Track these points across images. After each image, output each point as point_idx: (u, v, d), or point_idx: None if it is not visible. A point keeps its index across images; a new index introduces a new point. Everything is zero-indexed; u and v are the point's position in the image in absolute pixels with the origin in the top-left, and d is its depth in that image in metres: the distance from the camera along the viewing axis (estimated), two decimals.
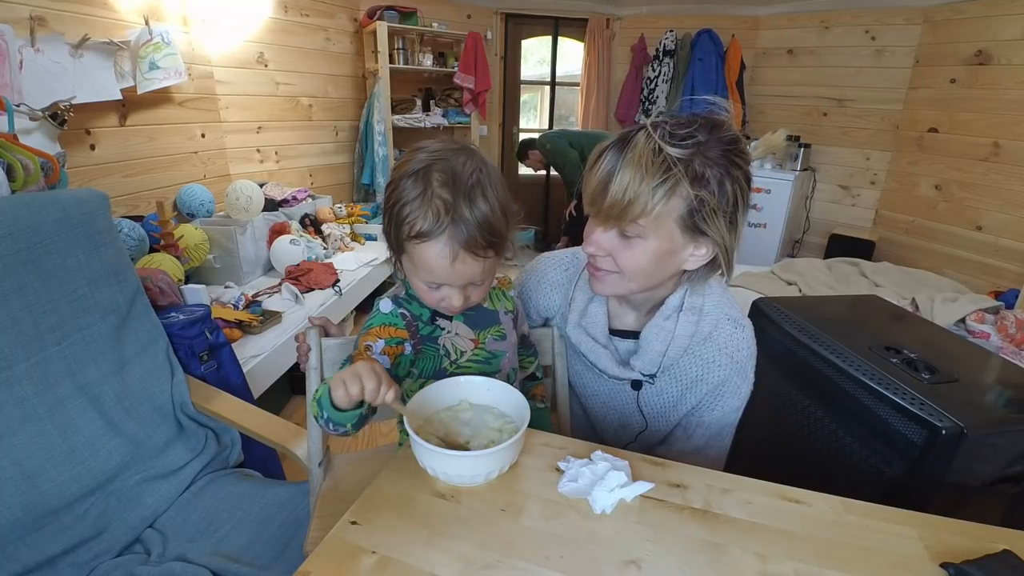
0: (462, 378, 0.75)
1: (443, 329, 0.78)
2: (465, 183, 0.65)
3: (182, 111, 2.38)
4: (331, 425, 0.66)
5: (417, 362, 0.78)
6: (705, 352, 0.87)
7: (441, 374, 0.78)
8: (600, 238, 0.79)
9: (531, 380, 0.99)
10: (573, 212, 3.64)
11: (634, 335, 0.91)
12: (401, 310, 0.76)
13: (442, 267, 0.67)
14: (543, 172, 4.28)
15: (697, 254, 0.78)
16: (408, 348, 0.76)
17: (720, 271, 0.81)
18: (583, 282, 0.93)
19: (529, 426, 0.66)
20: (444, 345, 0.78)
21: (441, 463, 0.64)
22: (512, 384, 0.74)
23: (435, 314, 0.78)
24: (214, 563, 0.99)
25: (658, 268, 0.79)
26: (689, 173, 0.71)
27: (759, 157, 2.46)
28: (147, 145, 2.22)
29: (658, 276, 0.80)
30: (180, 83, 2.21)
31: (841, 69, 3.78)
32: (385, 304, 0.77)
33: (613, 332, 0.93)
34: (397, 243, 0.70)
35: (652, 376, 0.89)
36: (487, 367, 0.81)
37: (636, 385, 0.91)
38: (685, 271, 0.82)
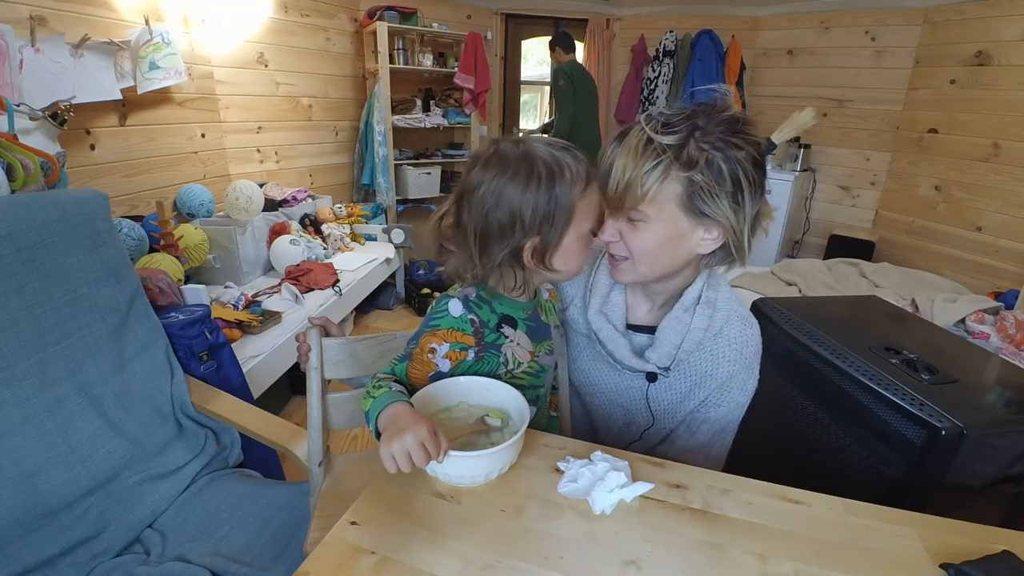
0: (461, 378, 0.75)
1: (507, 337, 0.77)
2: (556, 142, 0.73)
3: (182, 111, 2.38)
4: (371, 429, 0.66)
5: (473, 367, 0.77)
6: (715, 347, 0.87)
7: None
8: (611, 225, 0.82)
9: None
10: None
11: (646, 330, 0.91)
12: (471, 315, 0.75)
13: (601, 198, 0.75)
14: None
15: (708, 237, 0.79)
16: (471, 355, 0.75)
17: (744, 258, 0.83)
18: (604, 267, 0.94)
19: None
20: (505, 354, 0.77)
21: (440, 463, 0.64)
22: (546, 398, 0.73)
23: (501, 321, 0.77)
24: (214, 563, 0.99)
25: (668, 252, 0.80)
26: (680, 157, 0.73)
27: (787, 137, 2.47)
28: (147, 145, 2.21)
29: (669, 261, 0.81)
30: (180, 83, 2.21)
31: (841, 70, 3.78)
32: (455, 306, 0.75)
33: (627, 326, 0.93)
34: (566, 217, 0.70)
35: (666, 369, 0.89)
36: (536, 380, 0.81)
37: (651, 377, 0.91)
38: (702, 256, 0.82)
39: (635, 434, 0.96)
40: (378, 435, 0.63)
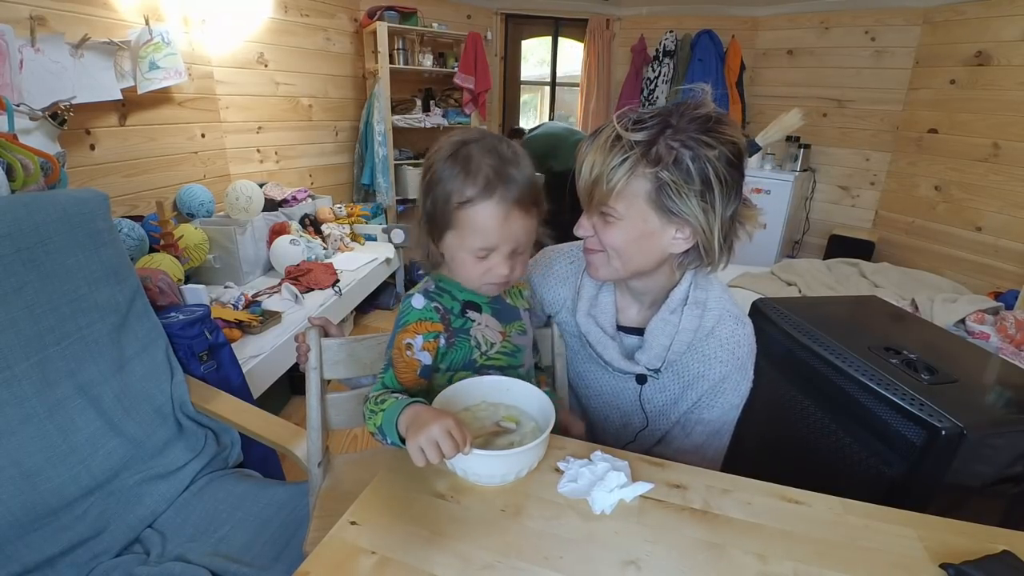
0: (485, 378, 0.75)
1: (473, 321, 0.79)
2: (506, 153, 0.71)
3: (182, 111, 2.38)
4: (389, 442, 0.66)
5: (447, 355, 0.78)
6: (707, 348, 0.87)
7: (470, 366, 0.78)
8: (585, 221, 0.83)
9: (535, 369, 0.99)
10: None
11: (636, 331, 0.91)
12: (434, 304, 0.77)
13: (494, 226, 0.70)
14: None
15: (680, 236, 0.78)
16: (442, 341, 0.77)
17: (715, 261, 0.81)
18: None
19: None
20: (475, 336, 0.78)
21: (471, 463, 0.63)
22: (529, 380, 0.75)
23: (465, 307, 0.78)
24: (213, 563, 0.99)
25: (640, 249, 0.80)
26: (648, 155, 0.73)
27: (774, 139, 2.47)
28: (147, 145, 2.21)
29: (642, 258, 0.81)
30: (180, 83, 2.21)
31: (841, 70, 3.78)
32: (417, 299, 0.77)
33: (618, 327, 0.93)
34: (443, 218, 0.71)
35: (656, 371, 0.89)
36: (513, 360, 0.82)
37: (641, 379, 0.91)
38: (676, 256, 0.82)
39: (631, 435, 0.96)
40: (402, 441, 0.62)
